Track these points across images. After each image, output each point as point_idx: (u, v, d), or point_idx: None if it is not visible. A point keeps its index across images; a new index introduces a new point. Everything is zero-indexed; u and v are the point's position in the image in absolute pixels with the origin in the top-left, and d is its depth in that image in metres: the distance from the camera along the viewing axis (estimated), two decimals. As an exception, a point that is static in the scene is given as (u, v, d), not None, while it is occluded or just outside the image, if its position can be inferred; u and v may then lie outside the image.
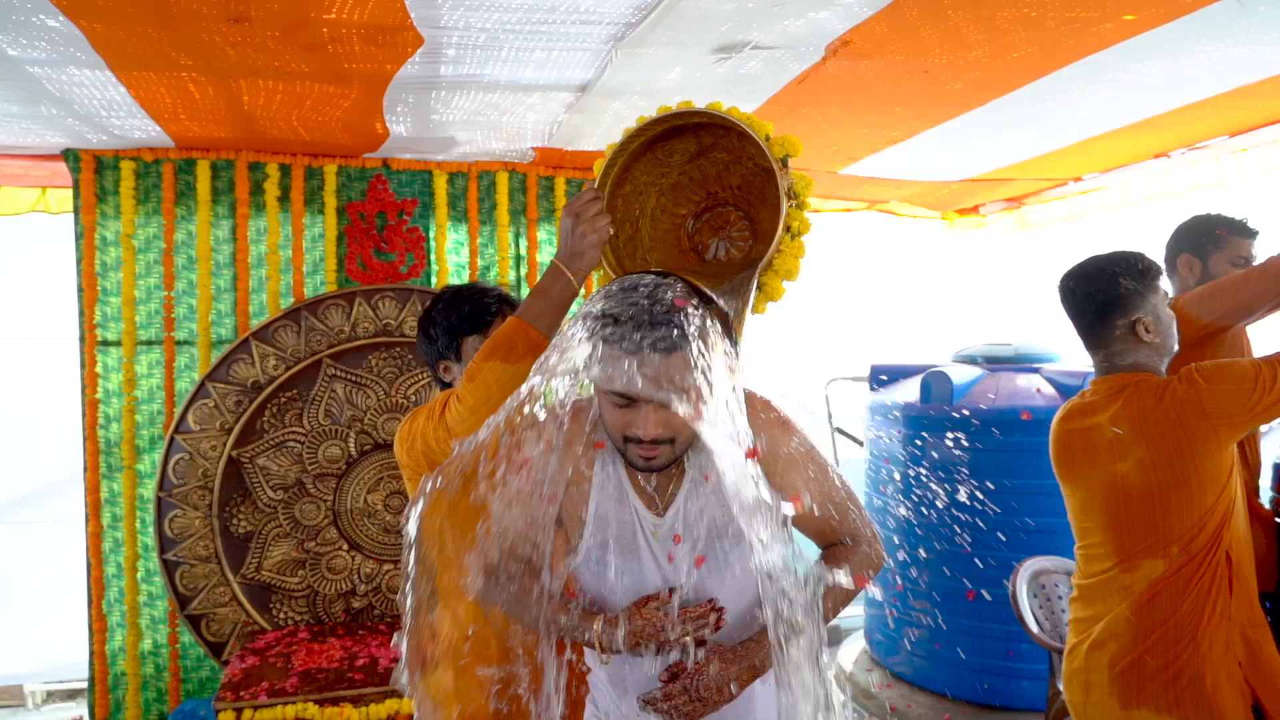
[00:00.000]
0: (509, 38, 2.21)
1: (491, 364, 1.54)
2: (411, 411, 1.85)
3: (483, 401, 1.57)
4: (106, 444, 3.34)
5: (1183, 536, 1.81)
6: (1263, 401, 1.75)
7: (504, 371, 1.53)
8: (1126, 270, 1.92)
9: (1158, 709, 1.80)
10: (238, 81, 2.53)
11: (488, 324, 1.86)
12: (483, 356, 1.56)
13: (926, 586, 3.68)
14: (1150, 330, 1.91)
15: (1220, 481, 1.80)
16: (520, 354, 1.52)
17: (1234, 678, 1.78)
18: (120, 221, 3.32)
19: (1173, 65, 2.40)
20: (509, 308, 1.90)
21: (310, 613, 3.39)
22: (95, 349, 3.32)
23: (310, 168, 3.48)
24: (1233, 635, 1.80)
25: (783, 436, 1.46)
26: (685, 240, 1.64)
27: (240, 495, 3.32)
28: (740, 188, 1.61)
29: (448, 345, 1.88)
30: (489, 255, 3.72)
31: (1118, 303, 1.92)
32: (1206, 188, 3.58)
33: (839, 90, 2.63)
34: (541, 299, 1.54)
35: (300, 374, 3.36)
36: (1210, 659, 1.78)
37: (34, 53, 2.26)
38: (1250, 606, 1.83)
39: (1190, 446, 1.80)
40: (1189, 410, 1.79)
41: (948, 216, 4.69)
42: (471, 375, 1.57)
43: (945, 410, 3.58)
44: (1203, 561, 1.80)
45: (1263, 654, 1.82)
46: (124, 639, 3.36)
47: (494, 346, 1.55)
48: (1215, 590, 1.80)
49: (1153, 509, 1.84)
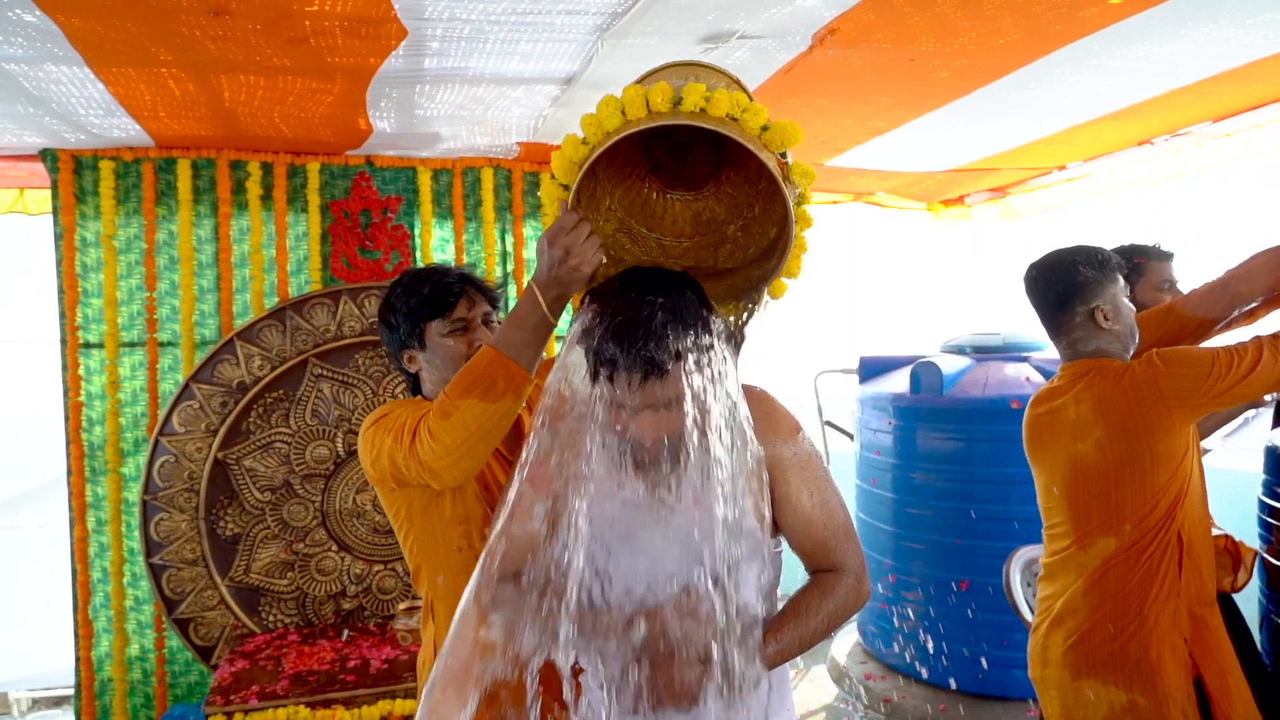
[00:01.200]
0: (494, 29, 2.19)
1: (469, 402, 1.42)
2: (374, 416, 1.72)
3: (460, 442, 1.45)
4: (90, 447, 3.30)
5: (1135, 514, 1.88)
6: (1217, 386, 1.82)
7: (483, 410, 1.42)
8: (1086, 261, 2.02)
9: (1104, 680, 1.89)
10: (218, 77, 2.50)
11: (450, 305, 1.74)
12: (459, 392, 1.44)
13: (919, 577, 3.69)
14: (1109, 318, 2.00)
15: (1174, 462, 1.87)
16: (501, 391, 1.41)
17: (1178, 652, 1.86)
18: (100, 222, 3.28)
19: (1158, 50, 2.41)
20: (473, 287, 1.79)
21: (300, 615, 3.35)
22: (78, 351, 3.28)
23: (293, 165, 3.44)
24: (1180, 611, 1.87)
25: (792, 443, 1.41)
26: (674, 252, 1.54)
27: (227, 497, 3.28)
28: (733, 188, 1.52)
29: (410, 333, 1.76)
30: (475, 252, 3.69)
31: (1076, 291, 2.01)
32: (1189, 174, 3.60)
33: (826, 80, 2.62)
34: (520, 329, 1.41)
35: (286, 374, 3.32)
36: (1156, 633, 1.86)
37: (10, 49, 2.22)
38: (1200, 585, 1.90)
39: (1145, 426, 1.87)
40: (1146, 391, 1.87)
41: (933, 208, 4.70)
42: (446, 411, 1.45)
43: (935, 400, 3.59)
44: (1154, 539, 1.88)
45: (1209, 631, 1.89)
46: (110, 644, 3.32)
47: (471, 382, 1.43)
48: (1165, 567, 1.87)
49: (1107, 487, 1.92)
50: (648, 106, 1.27)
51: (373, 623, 3.38)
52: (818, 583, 1.42)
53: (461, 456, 1.48)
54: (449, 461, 1.48)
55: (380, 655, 3.01)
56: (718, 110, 1.26)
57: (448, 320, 1.75)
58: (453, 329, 1.75)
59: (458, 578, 1.72)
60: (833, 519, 1.42)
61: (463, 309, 1.76)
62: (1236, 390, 1.81)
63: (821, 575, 1.43)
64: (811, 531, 1.41)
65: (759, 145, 1.28)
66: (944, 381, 3.57)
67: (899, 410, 3.74)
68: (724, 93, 1.27)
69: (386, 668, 2.92)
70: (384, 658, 3.00)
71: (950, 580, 3.57)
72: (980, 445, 3.51)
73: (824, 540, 1.42)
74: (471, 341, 1.75)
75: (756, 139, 1.29)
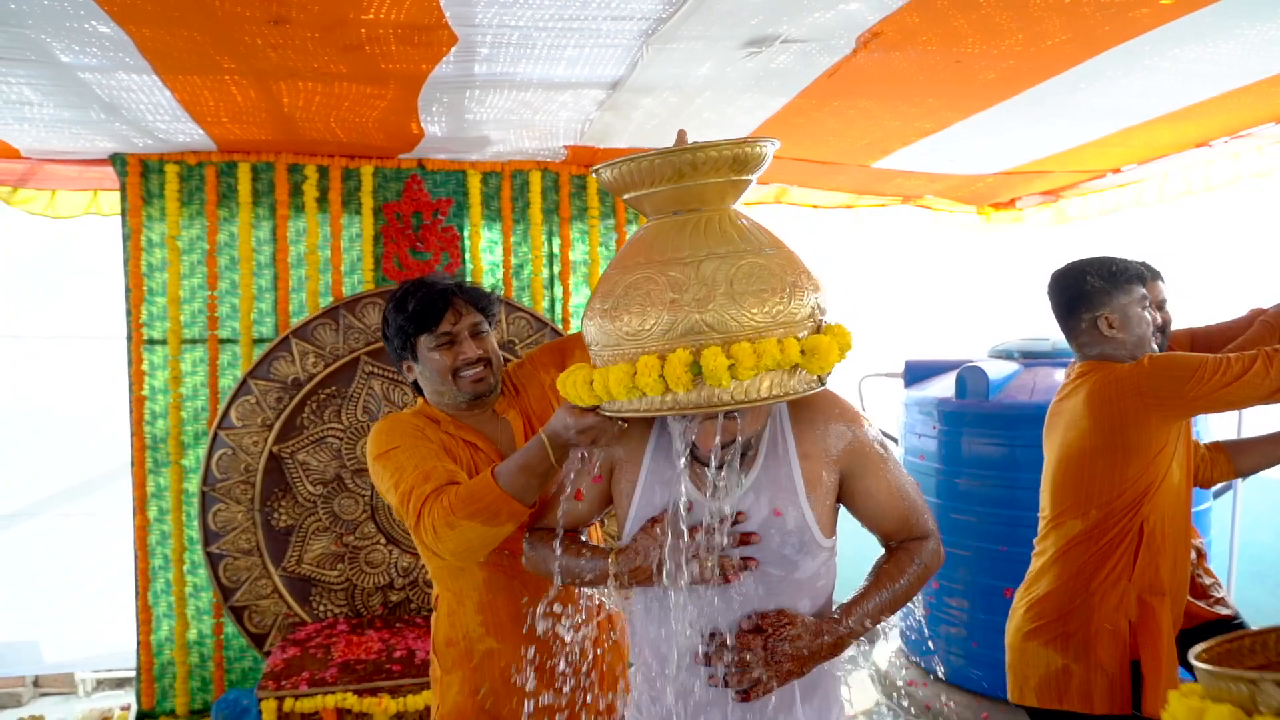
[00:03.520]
0: (541, 35, 2.24)
1: (473, 524, 1.54)
2: (378, 446, 1.76)
3: (461, 553, 1.59)
4: (153, 440, 3.44)
5: (1101, 500, 2.02)
6: (1196, 390, 1.91)
7: (485, 533, 1.55)
8: (1096, 271, 2.12)
9: (1045, 643, 2.08)
10: (278, 83, 2.59)
11: (436, 319, 1.78)
12: (463, 512, 1.54)
13: (963, 584, 3.64)
14: (1114, 326, 2.09)
15: (1146, 457, 1.98)
16: (503, 520, 1.54)
17: (1119, 631, 2.01)
18: (165, 224, 3.42)
19: (1213, 50, 2.36)
20: (462, 298, 1.83)
21: (349, 605, 3.44)
22: (141, 347, 3.42)
23: (347, 169, 3.55)
24: (1129, 595, 2.01)
25: (859, 432, 1.45)
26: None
27: (281, 490, 3.39)
28: None
29: (402, 346, 1.83)
30: (522, 253, 3.76)
31: (1083, 299, 2.13)
32: (1248, 178, 3.51)
33: (870, 82, 2.62)
34: (527, 475, 1.52)
35: (339, 371, 3.42)
36: (1100, 610, 2.02)
37: (85, 59, 2.34)
38: (1154, 575, 2.02)
39: (1121, 420, 1.99)
40: (1127, 388, 1.99)
41: (984, 211, 4.64)
42: (450, 523, 1.55)
43: (981, 405, 3.54)
44: (1115, 525, 2.01)
45: (1154, 619, 2.00)
46: (170, 629, 3.45)
47: (477, 508, 1.54)
48: (1120, 552, 2.01)
49: (1082, 473, 2.06)
50: (665, 385, 1.16)
51: (419, 615, 3.46)
52: (904, 548, 1.49)
53: (462, 556, 1.63)
54: (449, 557, 1.62)
55: (425, 647, 3.09)
56: (746, 373, 1.15)
57: (434, 335, 1.79)
58: (439, 343, 1.79)
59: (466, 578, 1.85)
60: (908, 497, 1.49)
61: (448, 322, 1.79)
62: (1218, 396, 1.90)
63: (904, 544, 1.50)
64: (892, 515, 1.48)
65: (783, 392, 1.20)
66: (990, 386, 3.52)
67: (944, 415, 3.70)
68: (746, 347, 1.14)
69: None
70: (428, 649, 3.06)
71: (994, 587, 3.52)
72: (1026, 451, 3.45)
73: (904, 518, 1.49)
74: (458, 354, 1.79)
75: (785, 382, 1.20)
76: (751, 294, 1.16)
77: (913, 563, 1.46)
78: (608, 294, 1.24)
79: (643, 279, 1.19)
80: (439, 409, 1.86)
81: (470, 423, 1.86)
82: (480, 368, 1.80)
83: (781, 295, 1.18)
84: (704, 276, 1.16)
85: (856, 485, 1.44)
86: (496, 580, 1.80)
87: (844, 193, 4.33)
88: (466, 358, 1.78)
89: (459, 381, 1.79)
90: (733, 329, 1.15)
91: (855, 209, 4.43)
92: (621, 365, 1.20)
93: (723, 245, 1.19)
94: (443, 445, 1.77)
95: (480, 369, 1.80)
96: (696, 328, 1.15)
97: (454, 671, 1.87)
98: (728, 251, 1.18)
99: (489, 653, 1.83)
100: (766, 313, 1.16)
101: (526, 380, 1.95)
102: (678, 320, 1.16)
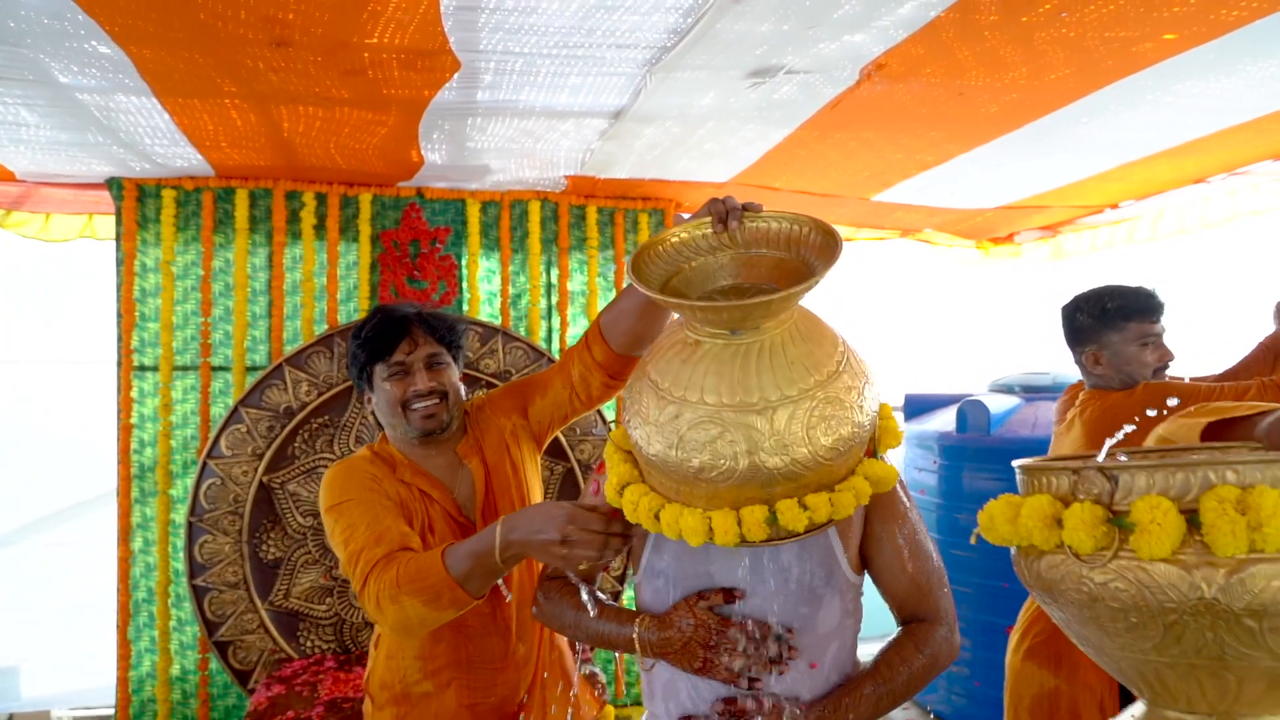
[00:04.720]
0: (545, 62, 2.24)
1: (414, 602, 1.47)
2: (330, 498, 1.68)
3: (400, 625, 1.52)
4: (140, 469, 3.37)
5: None
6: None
7: (425, 614, 1.48)
8: (1087, 308, 2.23)
9: (1039, 664, 2.17)
10: (278, 107, 2.58)
11: (389, 349, 1.73)
12: (407, 589, 1.47)
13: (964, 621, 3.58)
14: (1101, 363, 2.20)
15: None
16: (445, 605, 1.47)
17: None
18: (160, 248, 3.38)
19: (1214, 86, 2.38)
20: (421, 327, 1.77)
21: (337, 641, 3.36)
22: (131, 373, 3.36)
23: (346, 196, 3.53)
24: None
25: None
26: None
27: (270, 521, 3.32)
28: None
29: (359, 375, 1.79)
30: (520, 283, 3.73)
31: (1075, 335, 2.26)
32: (1244, 216, 3.52)
33: (873, 114, 2.62)
34: (475, 564, 1.44)
35: (332, 400, 3.37)
36: None
37: (84, 80, 2.32)
38: None
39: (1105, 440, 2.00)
40: (1120, 414, 2.05)
41: (983, 245, 4.66)
42: (394, 597, 1.48)
43: (982, 440, 3.51)
44: None
45: None
46: (153, 664, 3.35)
47: (420, 588, 1.47)
48: None
49: None
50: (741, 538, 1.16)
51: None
52: (910, 634, 1.36)
53: (401, 632, 1.60)
54: (389, 630, 1.60)
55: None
56: (820, 518, 1.16)
57: (387, 364, 1.74)
58: (390, 373, 1.74)
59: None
60: (927, 560, 1.38)
61: (402, 352, 1.74)
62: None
63: (912, 626, 1.38)
64: (902, 575, 1.37)
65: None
66: (991, 421, 3.49)
67: (944, 449, 3.66)
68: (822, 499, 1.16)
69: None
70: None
71: (996, 624, 3.45)
72: (1029, 487, 3.42)
73: (915, 582, 1.37)
74: (408, 386, 1.73)
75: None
76: (823, 432, 1.12)
77: (919, 653, 1.33)
78: (671, 426, 1.15)
79: (709, 420, 1.13)
80: (395, 446, 1.80)
81: (428, 467, 1.78)
82: (432, 401, 1.73)
83: (850, 422, 1.15)
84: (778, 429, 1.11)
85: (872, 530, 1.38)
86: (440, 630, 1.70)
87: (844, 225, 4.34)
88: (417, 390, 1.71)
89: (409, 415, 1.73)
90: (807, 468, 1.13)
91: (854, 242, 4.43)
92: (695, 513, 1.16)
93: (792, 385, 1.12)
94: (398, 498, 1.70)
95: (432, 403, 1.73)
96: (770, 478, 1.13)
97: (386, 709, 1.81)
98: (799, 394, 1.12)
99: (424, 695, 1.77)
100: (835, 444, 1.13)
101: (485, 426, 1.86)
102: (753, 475, 1.12)
